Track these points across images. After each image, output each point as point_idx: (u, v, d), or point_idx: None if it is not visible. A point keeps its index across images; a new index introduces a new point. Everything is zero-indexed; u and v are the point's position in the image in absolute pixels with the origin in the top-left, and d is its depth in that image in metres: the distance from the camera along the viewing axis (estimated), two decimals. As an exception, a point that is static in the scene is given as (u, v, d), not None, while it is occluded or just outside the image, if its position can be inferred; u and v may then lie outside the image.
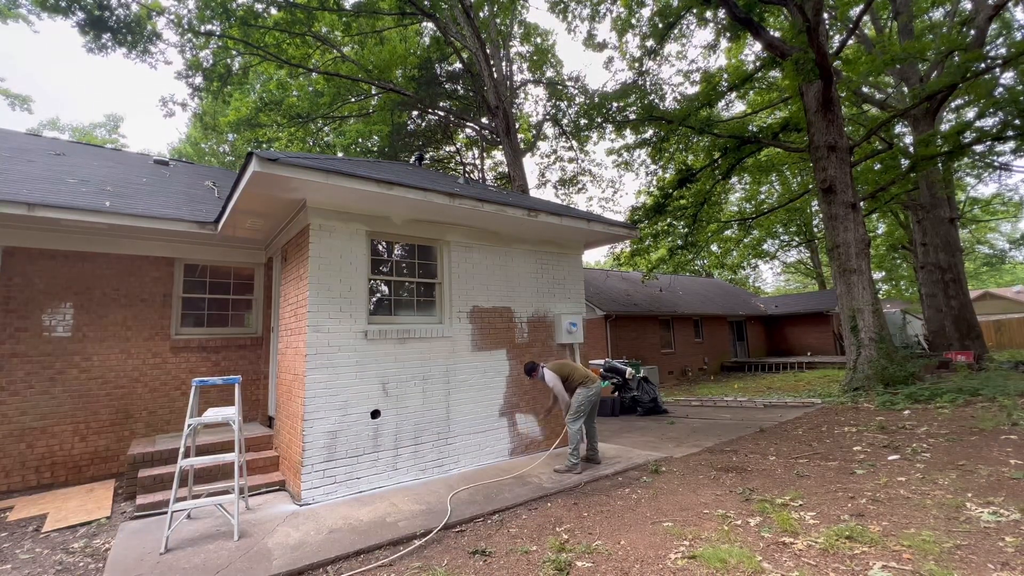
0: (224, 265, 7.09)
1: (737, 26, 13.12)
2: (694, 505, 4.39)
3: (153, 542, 3.88)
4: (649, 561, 3.32)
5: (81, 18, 12.95)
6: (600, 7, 17.94)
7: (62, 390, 5.77)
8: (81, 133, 31.47)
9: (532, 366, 6.02)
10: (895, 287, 31.41)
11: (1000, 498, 4.05)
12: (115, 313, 6.18)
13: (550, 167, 24.60)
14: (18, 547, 4.01)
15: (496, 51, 18.84)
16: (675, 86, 26.16)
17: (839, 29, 15.99)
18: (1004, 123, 12.20)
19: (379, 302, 5.73)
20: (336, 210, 5.24)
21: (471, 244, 6.40)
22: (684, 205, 17.04)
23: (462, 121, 21.05)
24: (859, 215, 11.43)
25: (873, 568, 3.02)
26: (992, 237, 34.67)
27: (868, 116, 18.06)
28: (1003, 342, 25.11)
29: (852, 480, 4.86)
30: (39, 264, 5.81)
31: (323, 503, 4.70)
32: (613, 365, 10.72)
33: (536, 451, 6.55)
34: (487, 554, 3.57)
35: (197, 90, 16.15)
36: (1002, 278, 43.28)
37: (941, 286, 15.31)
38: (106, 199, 6.20)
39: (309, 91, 19.75)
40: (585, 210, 17.25)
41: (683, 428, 8.50)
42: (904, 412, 8.12)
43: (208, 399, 6.49)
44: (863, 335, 10.78)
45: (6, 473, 5.42)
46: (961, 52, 11.46)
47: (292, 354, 5.37)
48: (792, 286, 46.08)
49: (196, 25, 14.46)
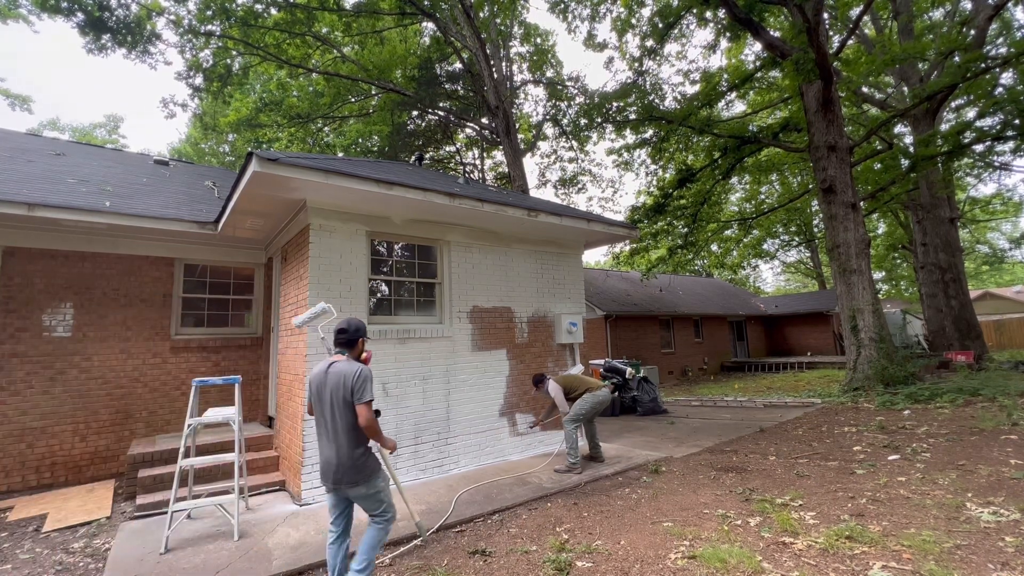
0: (224, 265, 7.09)
1: (737, 26, 13.11)
2: (694, 505, 4.39)
3: (153, 542, 3.88)
4: (649, 561, 3.32)
5: (81, 19, 12.95)
6: (600, 7, 17.94)
7: (62, 390, 5.78)
8: (81, 133, 31.47)
9: (540, 378, 6.02)
10: (895, 287, 31.42)
11: (1000, 498, 4.05)
12: (115, 313, 6.18)
13: (550, 167, 24.63)
14: (18, 547, 4.01)
15: (496, 51, 18.83)
16: (675, 86, 26.18)
17: (839, 29, 15.99)
18: (1004, 123, 12.18)
19: (379, 302, 5.73)
20: (336, 210, 5.24)
21: (471, 244, 6.40)
22: (684, 205, 17.03)
23: (462, 121, 21.05)
24: (859, 215, 11.43)
25: (873, 568, 3.02)
26: (992, 237, 34.68)
27: (868, 116, 18.05)
28: (1003, 342, 25.10)
29: (852, 480, 4.86)
30: (39, 264, 5.81)
31: (323, 503, 4.69)
32: (613, 365, 10.71)
33: (536, 451, 6.55)
34: (487, 554, 3.57)
35: (197, 90, 16.15)
36: (1002, 278, 43.27)
37: (941, 286, 15.31)
38: (106, 199, 6.20)
39: (309, 91, 19.76)
40: (585, 210, 17.28)
41: (683, 428, 8.50)
42: (904, 412, 8.12)
43: (208, 399, 6.49)
44: (863, 335, 10.77)
45: (6, 473, 5.42)
46: (961, 52, 11.45)
47: (292, 354, 5.37)
48: (792, 286, 46.09)
49: (196, 25, 14.47)
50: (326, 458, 2.94)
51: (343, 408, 2.88)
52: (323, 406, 2.96)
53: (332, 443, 2.91)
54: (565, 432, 5.70)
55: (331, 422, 2.91)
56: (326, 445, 2.95)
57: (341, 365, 2.96)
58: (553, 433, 6.77)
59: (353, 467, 2.87)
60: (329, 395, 2.92)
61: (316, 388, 3.01)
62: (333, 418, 2.90)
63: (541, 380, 6.01)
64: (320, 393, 2.97)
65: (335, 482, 2.88)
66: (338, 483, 2.88)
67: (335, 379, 2.91)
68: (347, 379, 2.87)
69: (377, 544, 2.97)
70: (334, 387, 2.90)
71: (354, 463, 2.87)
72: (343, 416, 2.88)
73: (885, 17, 17.07)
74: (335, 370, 2.95)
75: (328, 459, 2.92)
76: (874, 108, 18.10)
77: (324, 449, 2.96)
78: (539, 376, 6.04)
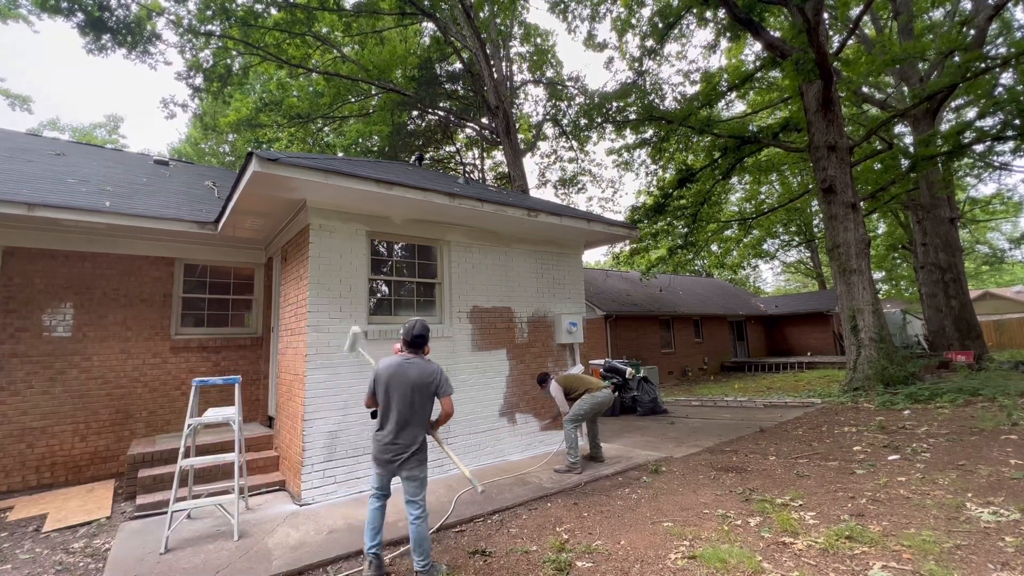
0: (224, 265, 7.09)
1: (737, 26, 13.12)
2: (694, 505, 4.39)
3: (153, 542, 3.88)
4: (649, 561, 3.32)
5: (81, 19, 12.95)
6: (600, 7, 17.95)
7: (62, 390, 5.77)
8: (81, 133, 31.46)
9: (544, 377, 6.05)
10: (895, 287, 31.41)
11: (1000, 498, 4.05)
12: (115, 313, 6.18)
13: (550, 167, 24.63)
14: (18, 547, 4.01)
15: (496, 51, 18.83)
16: (675, 86, 26.13)
17: (839, 29, 15.98)
18: (1004, 123, 12.18)
19: (379, 302, 5.73)
20: (336, 210, 5.24)
21: (471, 244, 6.40)
22: (684, 205, 17.04)
23: (462, 121, 21.05)
24: (859, 215, 11.43)
25: (873, 568, 3.02)
26: (992, 237, 34.67)
27: (868, 116, 18.05)
28: (1003, 342, 25.10)
29: (852, 480, 4.86)
30: (39, 264, 5.81)
31: (323, 503, 4.70)
32: (613, 365, 10.70)
33: (536, 451, 6.55)
34: (487, 554, 3.57)
35: (197, 91, 16.15)
36: (1002, 278, 43.24)
37: (941, 286, 15.31)
38: (106, 199, 6.20)
39: (309, 91, 19.76)
40: (585, 210, 17.28)
41: (683, 428, 8.50)
42: (904, 412, 8.12)
43: (208, 399, 6.49)
44: (863, 335, 10.77)
45: (6, 473, 5.42)
46: (961, 52, 11.44)
47: (292, 354, 5.37)
48: (792, 286, 46.09)
49: (196, 26, 14.47)
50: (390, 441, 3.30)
51: (425, 400, 3.36)
52: (393, 395, 3.30)
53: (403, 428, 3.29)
54: (565, 432, 5.70)
55: (408, 409, 3.29)
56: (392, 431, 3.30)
57: (419, 362, 3.41)
58: (553, 433, 6.77)
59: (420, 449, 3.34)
60: (410, 387, 3.30)
61: (387, 379, 3.34)
62: (412, 406, 3.30)
63: (545, 379, 6.02)
64: (392, 383, 3.32)
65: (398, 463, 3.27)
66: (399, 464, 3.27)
67: (416, 373, 3.34)
68: (432, 376, 3.38)
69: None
70: (417, 380, 3.32)
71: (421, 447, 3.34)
72: (423, 406, 3.36)
73: (885, 17, 17.07)
74: (414, 366, 3.37)
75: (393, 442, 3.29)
76: (874, 108, 18.11)
77: (390, 434, 3.30)
78: (543, 375, 6.06)
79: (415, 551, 3.19)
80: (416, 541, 3.19)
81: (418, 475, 3.28)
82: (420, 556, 3.16)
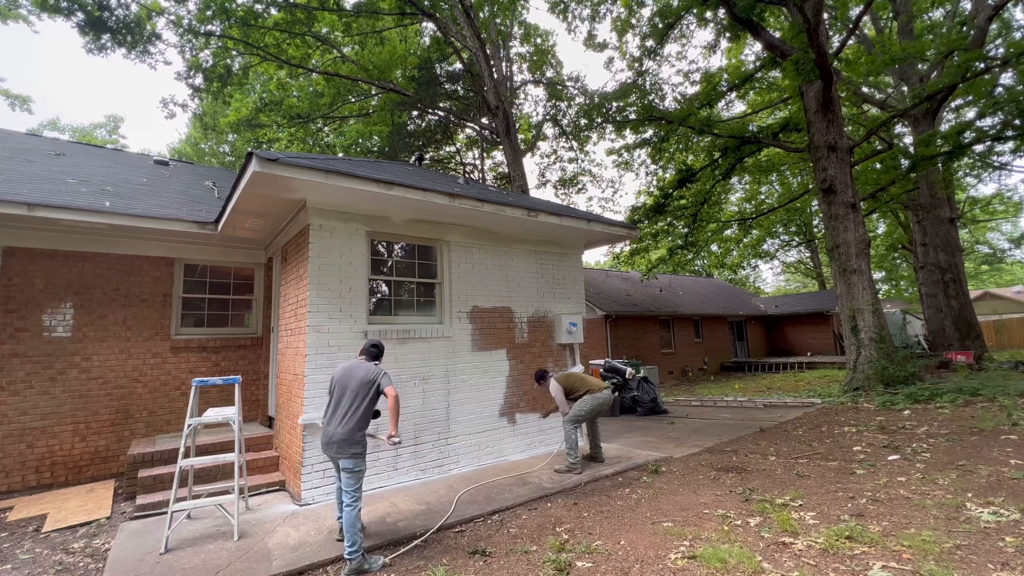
0: (224, 265, 7.09)
1: (737, 26, 13.11)
2: (694, 505, 4.39)
3: (153, 542, 3.88)
4: (649, 561, 3.32)
5: (81, 19, 12.94)
6: (600, 7, 17.95)
7: (62, 390, 5.78)
8: (81, 133, 31.45)
9: (542, 374, 6.04)
10: (895, 287, 31.42)
11: (1000, 498, 4.05)
12: (115, 313, 6.18)
13: (550, 167, 24.62)
14: (18, 547, 4.01)
15: (496, 51, 18.83)
16: (675, 86, 26.21)
17: (839, 29, 15.99)
18: (1004, 123, 12.17)
19: (379, 302, 5.73)
20: (336, 210, 5.24)
21: (471, 244, 6.40)
22: (684, 205, 17.04)
23: (462, 121, 21.05)
24: (859, 215, 11.43)
25: (873, 568, 3.02)
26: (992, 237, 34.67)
27: (868, 116, 18.04)
28: (1003, 342, 25.09)
29: (852, 480, 4.86)
30: (39, 264, 5.81)
31: (323, 503, 4.70)
32: (613, 365, 10.69)
33: (536, 451, 6.55)
34: (487, 554, 3.57)
35: (197, 91, 16.13)
36: (1002, 278, 43.23)
37: (941, 286, 15.31)
38: (106, 199, 6.20)
39: (309, 91, 19.74)
40: (585, 210, 17.28)
41: (683, 428, 8.50)
42: (904, 412, 8.12)
43: (208, 399, 6.49)
44: (863, 335, 10.77)
45: (6, 473, 5.42)
46: (961, 52, 11.43)
47: (292, 354, 5.37)
48: (792, 286, 46.07)
49: (196, 26, 14.45)
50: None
51: (368, 396, 3.72)
52: (341, 391, 3.74)
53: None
54: (565, 432, 5.70)
55: (350, 404, 3.68)
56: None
57: (368, 365, 3.85)
58: (553, 433, 6.77)
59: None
60: (358, 382, 3.72)
61: (339, 378, 3.83)
62: (354, 402, 3.68)
63: (543, 376, 6.01)
64: (342, 382, 3.78)
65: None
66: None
67: (363, 372, 3.76)
68: (376, 374, 3.76)
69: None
70: (364, 377, 3.74)
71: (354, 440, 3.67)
72: (364, 403, 3.72)
73: (885, 17, 17.07)
74: (362, 367, 3.81)
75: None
76: (874, 108, 18.10)
77: (332, 427, 3.68)
78: (541, 372, 6.05)
79: (345, 538, 3.39)
80: (344, 527, 3.43)
81: (352, 468, 3.55)
82: (348, 543, 3.34)
